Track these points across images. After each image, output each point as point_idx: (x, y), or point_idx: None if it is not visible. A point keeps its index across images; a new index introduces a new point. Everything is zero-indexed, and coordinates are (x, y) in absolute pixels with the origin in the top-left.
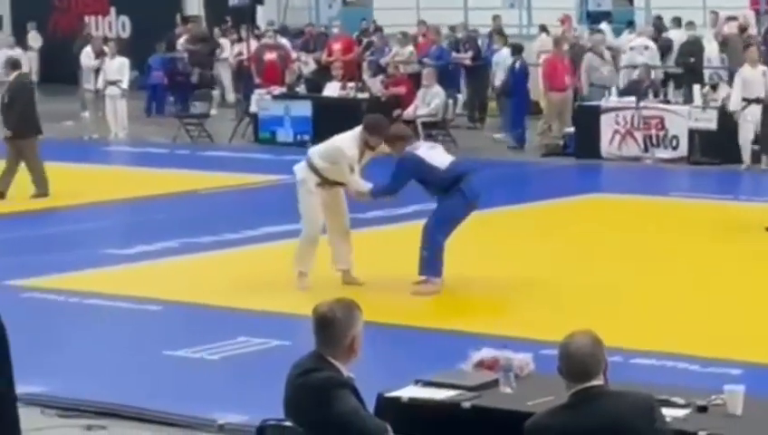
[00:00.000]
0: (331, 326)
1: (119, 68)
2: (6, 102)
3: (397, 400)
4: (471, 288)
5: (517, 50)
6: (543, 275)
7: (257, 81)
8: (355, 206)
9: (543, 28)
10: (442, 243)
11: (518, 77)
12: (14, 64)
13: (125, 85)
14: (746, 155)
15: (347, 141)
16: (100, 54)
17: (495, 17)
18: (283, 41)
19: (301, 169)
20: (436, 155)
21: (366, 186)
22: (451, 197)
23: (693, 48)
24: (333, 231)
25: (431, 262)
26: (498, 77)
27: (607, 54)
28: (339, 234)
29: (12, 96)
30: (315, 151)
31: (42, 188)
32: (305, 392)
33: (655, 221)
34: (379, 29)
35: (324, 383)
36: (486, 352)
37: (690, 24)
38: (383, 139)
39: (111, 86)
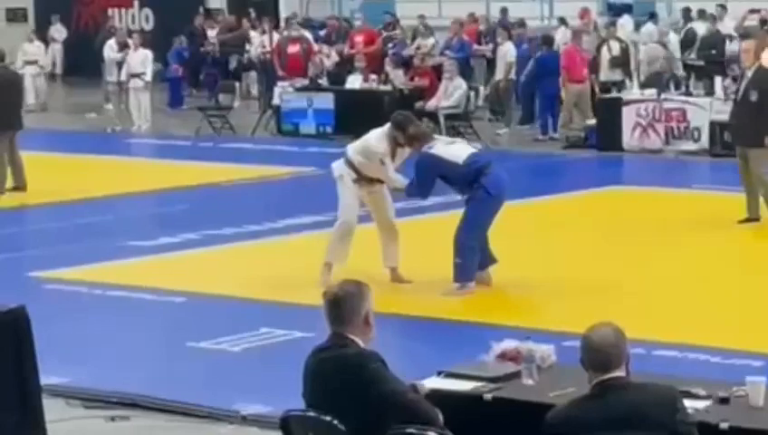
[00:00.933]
0: (345, 303)
1: (142, 60)
2: None
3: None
4: (493, 280)
5: (546, 41)
6: (565, 267)
7: (280, 73)
8: None
9: (563, 21)
10: (475, 247)
11: (542, 69)
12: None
13: (148, 78)
14: None
15: (376, 138)
16: (123, 47)
17: (503, 10)
18: (306, 33)
19: (338, 165)
20: (454, 150)
21: (402, 181)
22: (475, 197)
23: (714, 40)
24: (380, 229)
25: (465, 268)
26: (499, 71)
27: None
28: (385, 231)
29: None
30: (352, 147)
31: None
32: (337, 370)
33: (676, 213)
34: (396, 22)
35: (358, 359)
36: (508, 344)
37: (711, 17)
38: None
39: (134, 78)
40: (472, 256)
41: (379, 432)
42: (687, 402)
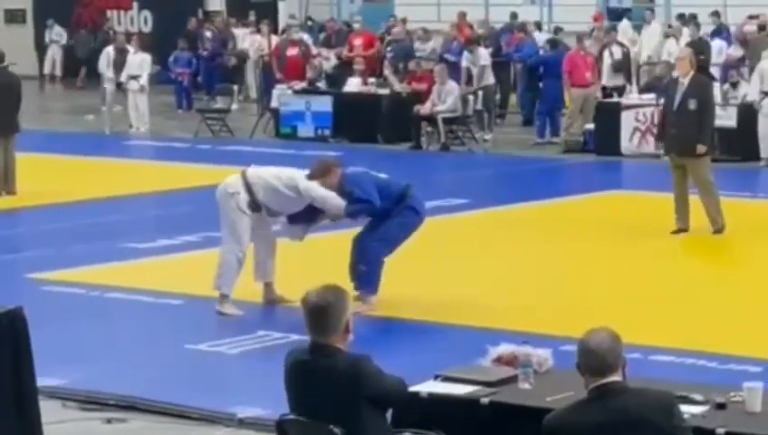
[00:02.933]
0: (326, 313)
1: (140, 63)
2: None
3: (416, 395)
4: (490, 284)
5: (553, 44)
6: (563, 272)
7: (278, 76)
8: None
9: (557, 32)
10: (383, 260)
11: (544, 72)
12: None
13: (143, 81)
14: (766, 150)
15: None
16: (123, 51)
17: (513, 14)
18: (305, 36)
19: (236, 183)
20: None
21: (340, 204)
22: (401, 214)
23: (700, 46)
24: (260, 242)
25: (370, 279)
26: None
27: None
28: (265, 245)
29: None
30: (263, 172)
31: None
32: (330, 379)
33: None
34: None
35: (351, 367)
36: (505, 348)
37: (695, 23)
38: (319, 178)
39: (132, 81)
40: (380, 270)
41: (374, 432)
42: (684, 407)
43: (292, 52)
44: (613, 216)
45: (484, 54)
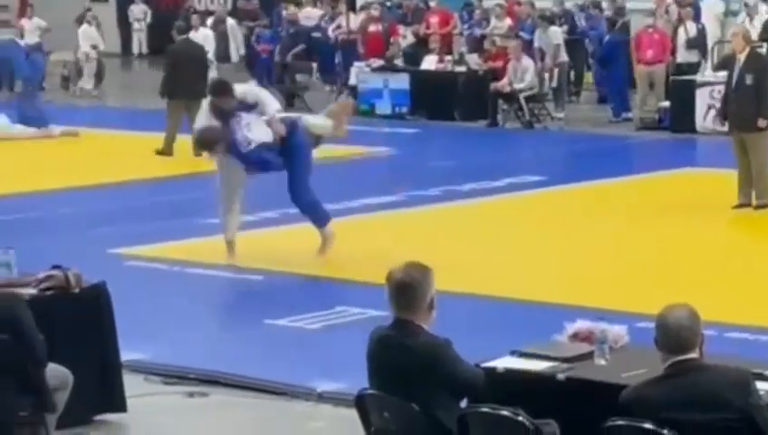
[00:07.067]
0: (411, 289)
1: (203, 39)
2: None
3: (493, 370)
4: (566, 261)
5: (612, 24)
6: (638, 248)
7: (361, 52)
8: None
9: (619, 12)
10: (315, 199)
11: (610, 51)
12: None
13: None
14: None
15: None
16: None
17: None
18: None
19: None
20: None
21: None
22: (295, 154)
23: None
24: (238, 202)
25: (323, 214)
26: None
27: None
28: (239, 204)
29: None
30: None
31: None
32: (410, 357)
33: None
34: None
35: (431, 347)
36: (581, 325)
37: None
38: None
39: None
40: (321, 206)
41: (448, 412)
42: (760, 384)
43: (374, 28)
44: (688, 193)
45: (557, 33)
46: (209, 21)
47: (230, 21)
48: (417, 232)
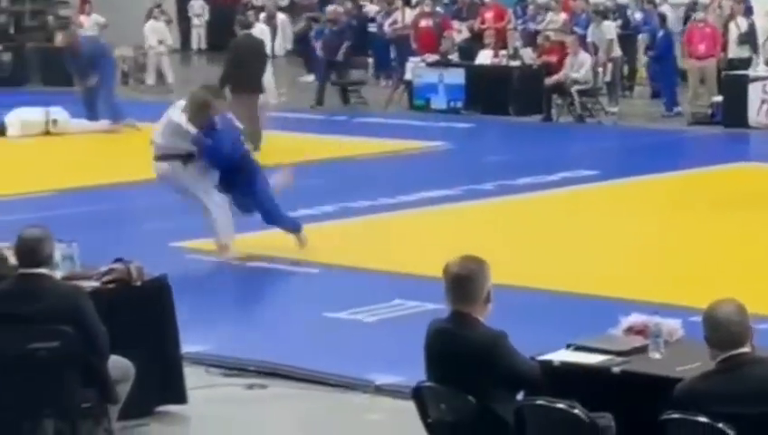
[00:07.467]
0: (469, 282)
1: (260, 34)
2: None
3: (548, 363)
4: (620, 254)
5: (663, 19)
6: (691, 243)
7: (414, 47)
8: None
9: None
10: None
11: (664, 46)
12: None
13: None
14: None
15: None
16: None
17: None
18: (438, 9)
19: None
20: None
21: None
22: (247, 169)
23: None
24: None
25: (289, 220)
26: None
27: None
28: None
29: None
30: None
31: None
32: (468, 350)
33: None
34: None
35: (488, 339)
36: (636, 318)
37: None
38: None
39: None
40: (284, 213)
41: (504, 404)
42: None
43: (425, 23)
44: (741, 187)
45: (609, 28)
46: (261, 16)
47: (281, 16)
48: (472, 226)
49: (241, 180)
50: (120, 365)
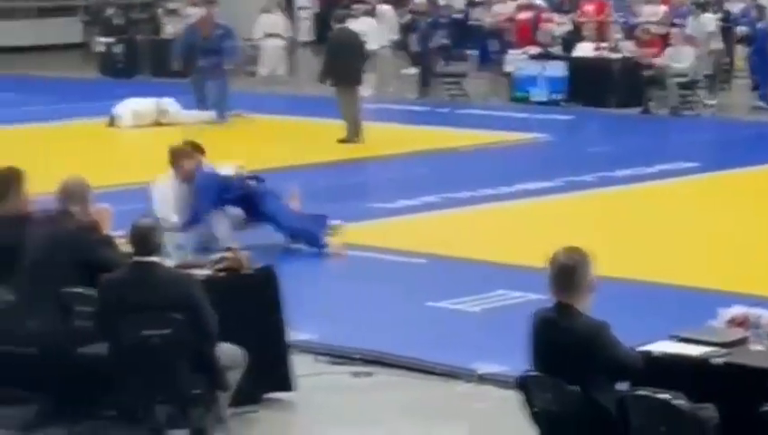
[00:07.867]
0: (575, 272)
1: (367, 27)
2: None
3: (648, 354)
4: (720, 246)
5: (760, 11)
6: None
7: (513, 40)
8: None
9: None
10: (305, 221)
11: (763, 38)
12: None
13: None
14: None
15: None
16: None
17: None
18: (538, 1)
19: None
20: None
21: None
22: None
23: None
24: None
25: (318, 235)
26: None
27: None
28: None
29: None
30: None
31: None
32: (571, 340)
33: None
34: None
35: (593, 329)
36: (737, 310)
37: None
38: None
39: None
40: (311, 225)
41: (606, 394)
42: None
43: (523, 16)
44: None
45: (709, 20)
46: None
47: (386, 8)
48: (572, 217)
49: (255, 211)
50: (230, 353)
